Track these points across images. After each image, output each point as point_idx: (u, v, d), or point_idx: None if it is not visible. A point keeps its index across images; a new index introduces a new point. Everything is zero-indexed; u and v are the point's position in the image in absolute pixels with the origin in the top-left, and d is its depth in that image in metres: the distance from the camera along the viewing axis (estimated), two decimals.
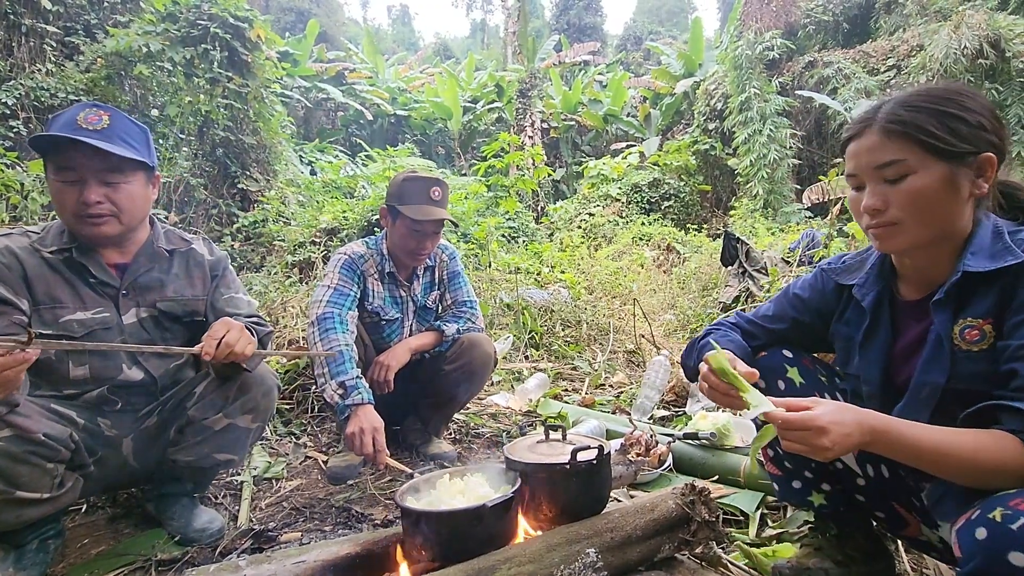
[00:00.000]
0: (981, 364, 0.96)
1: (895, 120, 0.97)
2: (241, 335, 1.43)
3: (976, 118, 0.95)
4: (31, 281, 1.43)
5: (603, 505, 1.36)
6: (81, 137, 1.37)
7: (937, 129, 0.94)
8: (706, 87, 11.99)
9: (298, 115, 14.25)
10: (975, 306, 0.97)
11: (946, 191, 0.95)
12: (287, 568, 1.17)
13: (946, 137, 0.94)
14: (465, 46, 39.28)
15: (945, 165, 0.94)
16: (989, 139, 0.95)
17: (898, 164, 0.96)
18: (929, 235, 0.99)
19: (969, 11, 9.00)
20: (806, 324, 1.29)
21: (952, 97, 0.96)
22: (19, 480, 1.27)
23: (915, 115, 0.95)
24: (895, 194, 0.97)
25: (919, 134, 0.94)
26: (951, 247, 1.01)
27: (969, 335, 0.97)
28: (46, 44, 6.73)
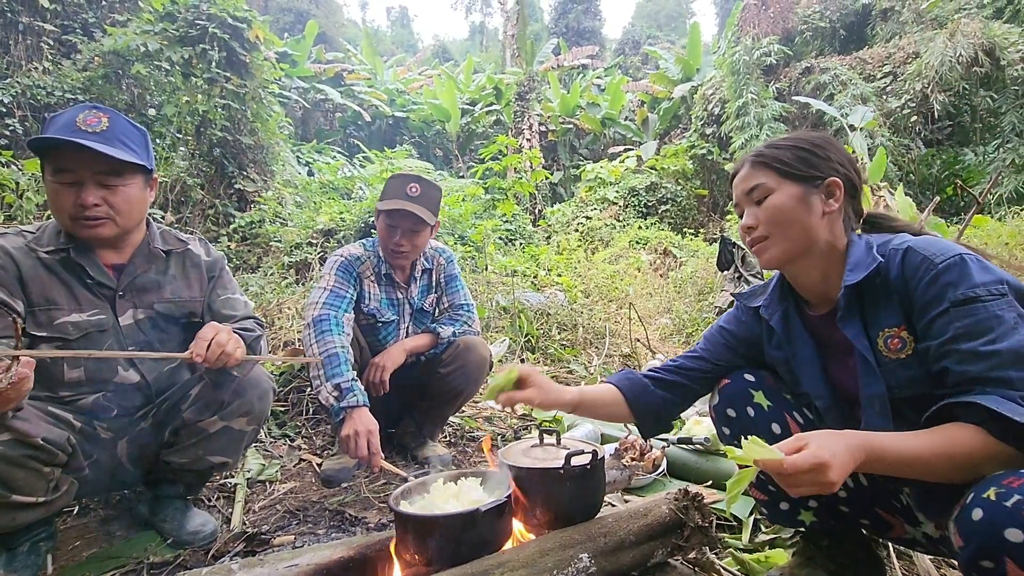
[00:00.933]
0: (913, 369, 1.04)
1: (759, 154, 1.17)
2: (229, 337, 1.42)
3: (826, 154, 1.14)
4: (27, 282, 1.42)
5: (597, 510, 1.36)
6: (81, 140, 1.36)
7: (789, 158, 1.14)
8: (704, 92, 12.05)
9: (296, 116, 14.24)
10: (885, 317, 1.07)
11: (800, 206, 1.12)
12: (279, 571, 1.17)
13: (795, 164, 1.13)
14: (464, 48, 39.33)
15: (798, 186, 1.13)
16: (836, 168, 1.14)
17: (760, 187, 1.15)
18: (794, 246, 1.14)
19: (964, 19, 9.08)
20: (742, 355, 1.35)
21: (806, 138, 1.17)
22: (15, 484, 1.27)
23: (774, 150, 1.16)
24: (761, 212, 1.15)
25: (774, 162, 1.15)
26: (832, 264, 1.14)
27: (892, 344, 1.06)
28: (43, 42, 6.72)
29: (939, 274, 0.98)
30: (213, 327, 1.44)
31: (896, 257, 1.05)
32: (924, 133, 9.56)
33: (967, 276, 0.97)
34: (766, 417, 1.27)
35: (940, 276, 0.98)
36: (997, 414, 0.86)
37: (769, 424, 1.27)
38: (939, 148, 9.81)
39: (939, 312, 0.97)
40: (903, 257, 1.04)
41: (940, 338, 0.97)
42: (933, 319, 0.98)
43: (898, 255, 1.05)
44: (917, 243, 1.05)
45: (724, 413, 1.33)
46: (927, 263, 1.00)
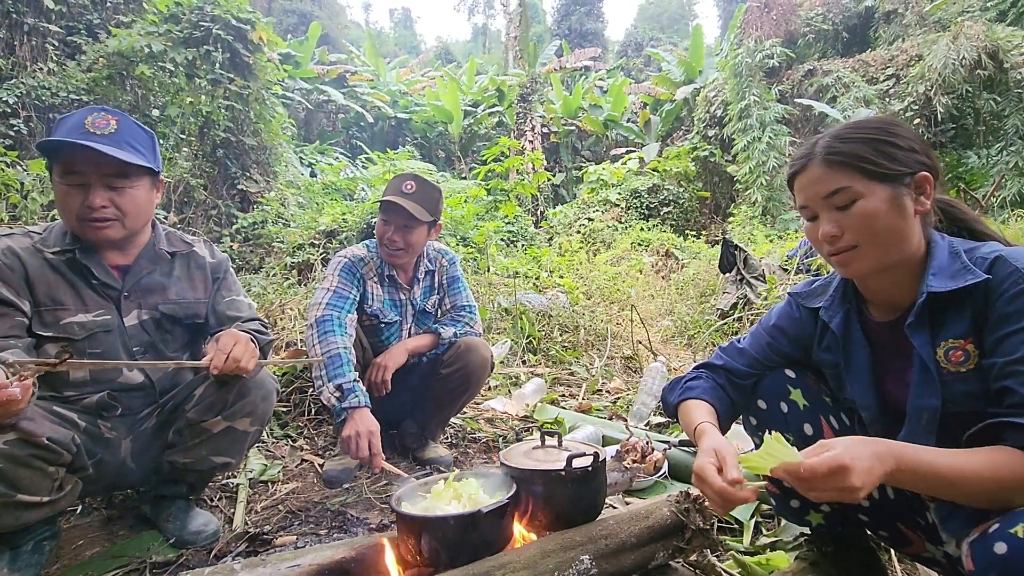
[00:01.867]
0: (972, 384, 0.98)
1: (834, 152, 1.03)
2: (246, 349, 1.45)
3: (907, 143, 1.02)
4: (33, 282, 1.43)
5: (598, 512, 1.36)
6: (90, 143, 1.37)
7: (873, 155, 1.01)
8: (706, 94, 12.05)
9: (299, 117, 14.26)
10: (952, 327, 0.99)
11: (893, 210, 1.00)
12: (281, 572, 1.17)
13: (882, 162, 1.00)
14: (466, 50, 39.39)
15: (887, 187, 1.00)
16: (921, 160, 1.02)
17: (845, 191, 1.02)
18: (887, 256, 1.03)
19: (968, 22, 9.07)
20: (790, 355, 1.29)
21: (880, 126, 1.04)
22: (20, 483, 1.27)
23: (851, 145, 1.02)
24: (847, 219, 1.02)
25: (858, 162, 1.01)
26: (910, 268, 1.05)
27: (954, 356, 0.99)
28: (48, 43, 6.74)
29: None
30: (233, 336, 1.46)
31: (983, 265, 0.97)
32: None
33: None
34: (799, 416, 1.23)
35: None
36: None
37: (801, 424, 1.23)
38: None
39: (1016, 329, 0.91)
40: (991, 266, 0.96)
41: (1010, 356, 0.91)
42: (1007, 335, 0.92)
43: (986, 263, 0.97)
44: (1010, 253, 0.96)
45: (755, 404, 1.29)
46: (1017, 275, 0.93)
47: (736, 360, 1.31)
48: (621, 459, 1.97)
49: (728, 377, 1.30)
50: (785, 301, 1.32)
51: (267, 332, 1.68)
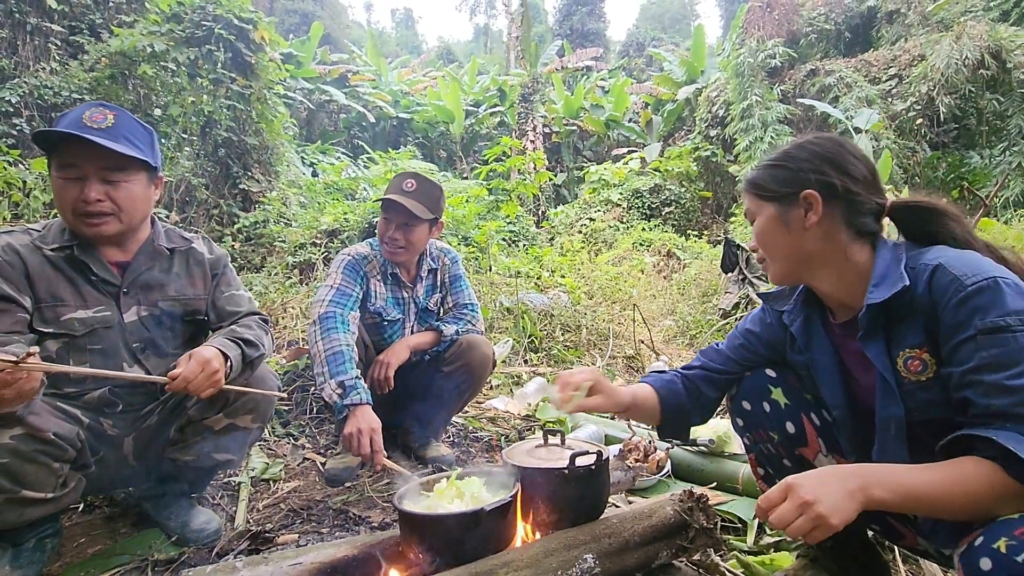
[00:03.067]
0: (933, 392, 0.99)
1: (748, 179, 1.19)
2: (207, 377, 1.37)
3: (797, 163, 1.10)
4: (33, 279, 1.43)
5: (601, 510, 1.35)
6: (85, 134, 1.37)
7: (763, 179, 1.15)
8: (708, 94, 12.03)
9: (301, 117, 14.27)
10: (907, 337, 1.01)
11: (777, 227, 1.12)
12: (283, 570, 1.17)
13: (768, 184, 1.13)
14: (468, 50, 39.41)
15: (773, 206, 1.12)
16: (808, 177, 1.08)
17: (748, 212, 1.19)
18: (787, 266, 1.14)
19: (971, 22, 9.05)
20: (764, 357, 1.33)
21: (783, 150, 1.15)
22: (25, 479, 1.27)
23: (755, 171, 1.18)
24: (754, 236, 1.18)
25: (753, 188, 1.17)
26: (852, 275, 1.09)
27: (912, 366, 1.01)
28: (51, 43, 6.76)
29: (968, 297, 0.91)
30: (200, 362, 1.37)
31: (924, 273, 0.98)
32: (929, 136, 9.52)
33: (999, 302, 0.89)
34: (782, 414, 1.26)
35: (969, 299, 0.91)
36: (1015, 454, 0.81)
37: (784, 422, 1.26)
38: (945, 151, 9.77)
39: (965, 338, 0.91)
40: (932, 275, 0.97)
41: (964, 366, 0.91)
42: (958, 345, 0.92)
43: (927, 271, 0.98)
44: (950, 260, 0.97)
45: (740, 405, 1.32)
46: (956, 284, 0.93)
47: (713, 360, 1.38)
48: (624, 458, 1.97)
49: (705, 375, 1.36)
50: (760, 306, 1.38)
51: (260, 346, 1.59)
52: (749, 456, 1.39)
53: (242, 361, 1.51)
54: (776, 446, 1.28)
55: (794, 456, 1.28)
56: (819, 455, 1.26)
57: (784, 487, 0.88)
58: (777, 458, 1.30)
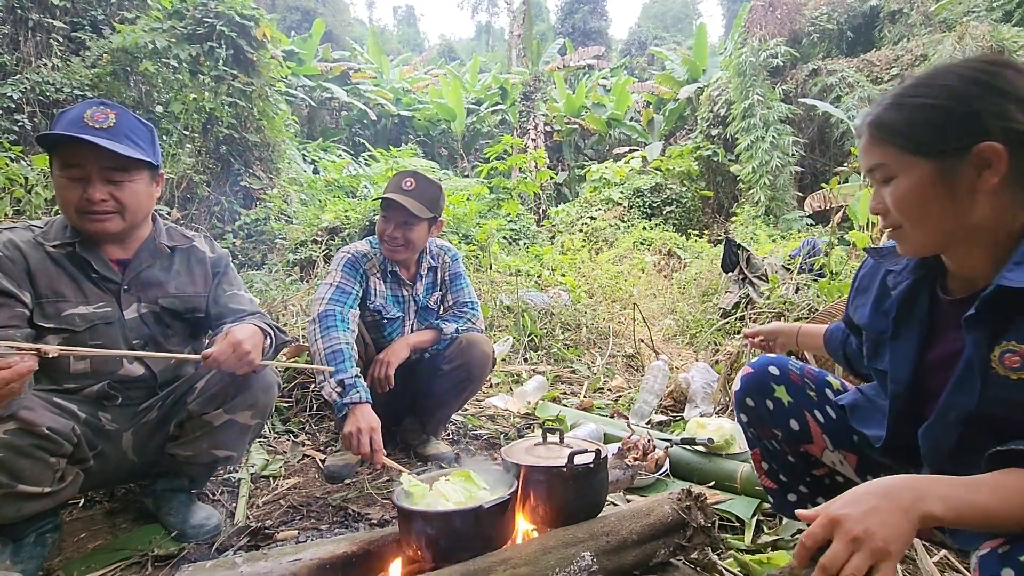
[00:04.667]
0: (1017, 392, 0.85)
1: (877, 122, 0.92)
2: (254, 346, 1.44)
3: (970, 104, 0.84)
4: (34, 274, 1.44)
5: (599, 509, 1.36)
6: (87, 136, 1.38)
7: (915, 128, 0.87)
8: (709, 93, 12.02)
9: (302, 114, 14.27)
10: (1017, 329, 0.85)
11: (935, 191, 0.86)
12: (283, 566, 1.17)
13: (923, 134, 0.86)
14: (470, 48, 39.37)
15: (930, 163, 0.86)
16: (990, 124, 0.82)
17: (882, 168, 0.91)
18: (934, 238, 0.90)
19: (973, 22, 9.03)
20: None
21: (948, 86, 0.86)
22: (22, 474, 1.28)
23: (894, 114, 0.89)
24: (888, 197, 0.92)
25: (895, 136, 0.89)
26: (992, 249, 0.89)
27: (1009, 361, 0.86)
28: (52, 39, 6.76)
29: None
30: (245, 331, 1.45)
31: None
32: None
33: None
34: (785, 412, 1.25)
35: None
36: None
37: (788, 420, 1.25)
38: None
39: None
40: None
41: None
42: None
43: None
44: None
45: (743, 401, 1.31)
46: None
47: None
48: (623, 456, 1.97)
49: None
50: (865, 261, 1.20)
51: (284, 332, 1.69)
52: (753, 451, 1.38)
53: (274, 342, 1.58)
54: (780, 443, 1.28)
55: (799, 453, 1.27)
56: (825, 451, 1.24)
57: (827, 522, 0.74)
58: (781, 454, 1.30)
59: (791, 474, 1.30)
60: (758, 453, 1.36)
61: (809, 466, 1.30)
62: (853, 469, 1.23)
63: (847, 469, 1.24)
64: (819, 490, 1.30)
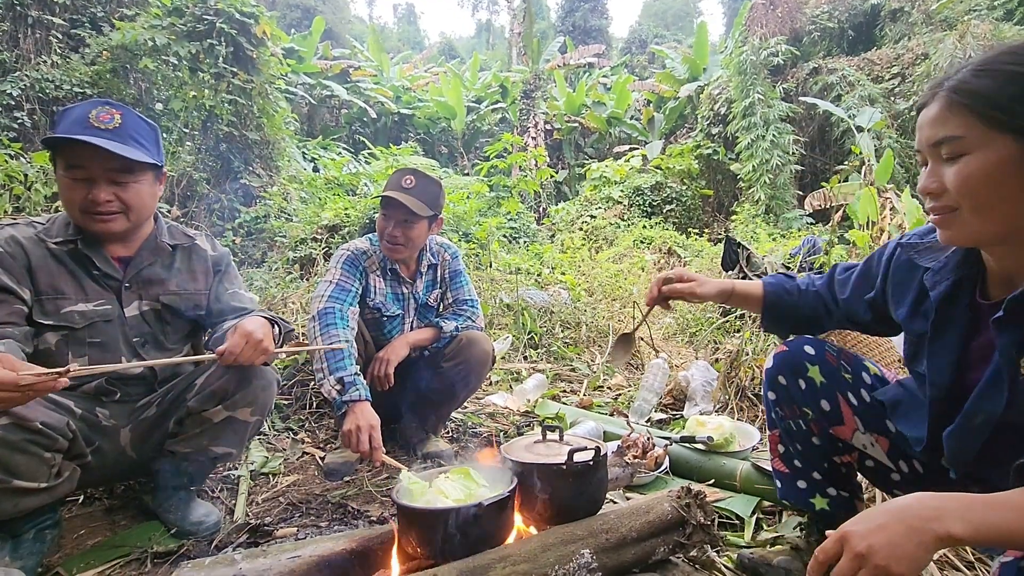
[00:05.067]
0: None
1: (963, 88, 0.82)
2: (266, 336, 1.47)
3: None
4: (35, 271, 1.44)
5: (599, 506, 1.36)
6: (93, 139, 1.38)
7: (1006, 98, 0.78)
8: (710, 92, 12.00)
9: (302, 112, 14.25)
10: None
11: (1011, 176, 0.78)
12: (282, 563, 1.17)
13: (1015, 107, 0.77)
14: (470, 46, 39.33)
15: (1014, 142, 0.78)
16: None
17: (956, 141, 0.82)
18: (993, 228, 0.83)
19: (974, 21, 9.02)
20: (869, 303, 1.18)
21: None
22: (16, 469, 1.27)
23: (987, 82, 0.80)
24: (953, 175, 0.83)
25: (984, 105, 0.79)
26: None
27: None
28: (52, 36, 6.75)
29: None
30: (254, 322, 1.48)
31: None
32: None
33: None
34: (816, 392, 1.24)
35: None
36: None
37: (819, 400, 1.24)
38: None
39: None
40: None
41: None
42: None
43: None
44: None
45: (775, 379, 1.29)
46: None
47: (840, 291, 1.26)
48: (622, 454, 1.97)
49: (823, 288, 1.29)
50: (892, 245, 1.14)
51: (287, 323, 1.70)
52: (771, 433, 1.35)
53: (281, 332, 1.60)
54: (808, 423, 1.26)
55: (826, 435, 1.26)
56: (856, 432, 1.23)
57: (838, 537, 0.74)
58: (806, 435, 1.27)
59: (809, 458, 1.29)
60: (776, 435, 1.34)
61: (832, 451, 1.28)
62: (884, 452, 1.21)
63: (878, 452, 1.22)
64: (833, 479, 1.28)
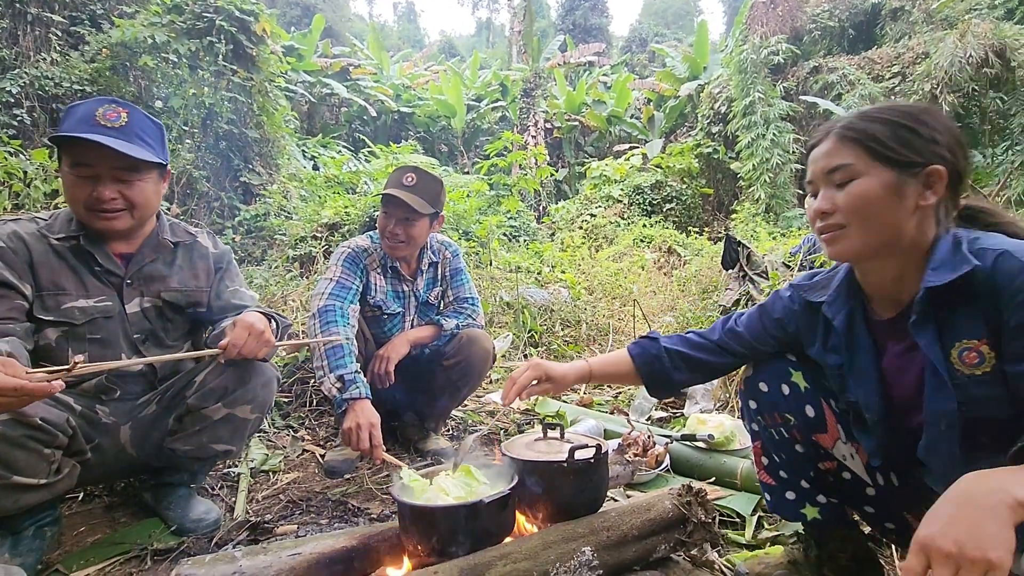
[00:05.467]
0: (991, 388, 0.92)
1: (849, 127, 1.00)
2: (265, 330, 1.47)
3: (930, 133, 0.97)
4: (36, 267, 1.44)
5: (600, 504, 1.36)
6: (100, 137, 1.38)
7: (886, 136, 0.97)
8: (710, 90, 11.99)
9: (302, 110, 14.21)
10: (964, 327, 0.94)
11: (889, 197, 0.96)
12: (283, 560, 1.17)
13: (893, 145, 0.96)
14: (470, 44, 39.27)
15: (891, 172, 0.96)
16: (940, 153, 0.97)
17: (846, 168, 0.99)
18: (873, 241, 0.99)
19: (975, 20, 9.01)
20: (786, 346, 1.26)
21: (911, 112, 0.99)
22: (16, 465, 1.27)
23: (869, 124, 0.99)
24: (842, 197, 1.00)
25: (868, 140, 0.98)
26: (911, 262, 1.00)
27: (968, 358, 0.94)
28: (51, 33, 6.73)
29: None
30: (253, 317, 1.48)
31: (988, 258, 0.91)
32: None
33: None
34: (801, 397, 1.22)
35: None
36: None
37: (803, 405, 1.22)
38: None
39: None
40: (996, 261, 0.90)
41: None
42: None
43: (990, 258, 0.90)
44: (1018, 247, 0.90)
45: (756, 386, 1.28)
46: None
47: (732, 341, 1.31)
48: (623, 452, 1.97)
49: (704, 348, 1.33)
50: (788, 294, 1.27)
51: (285, 318, 1.70)
52: (754, 445, 1.35)
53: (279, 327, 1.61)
54: (791, 429, 1.24)
55: (809, 442, 1.24)
56: (838, 442, 1.22)
57: (917, 549, 0.71)
58: (789, 443, 1.26)
59: (794, 467, 1.28)
60: (759, 447, 1.33)
61: (816, 458, 1.26)
62: (863, 465, 1.21)
63: (857, 464, 1.21)
64: (822, 486, 1.27)
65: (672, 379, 1.34)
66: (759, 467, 1.35)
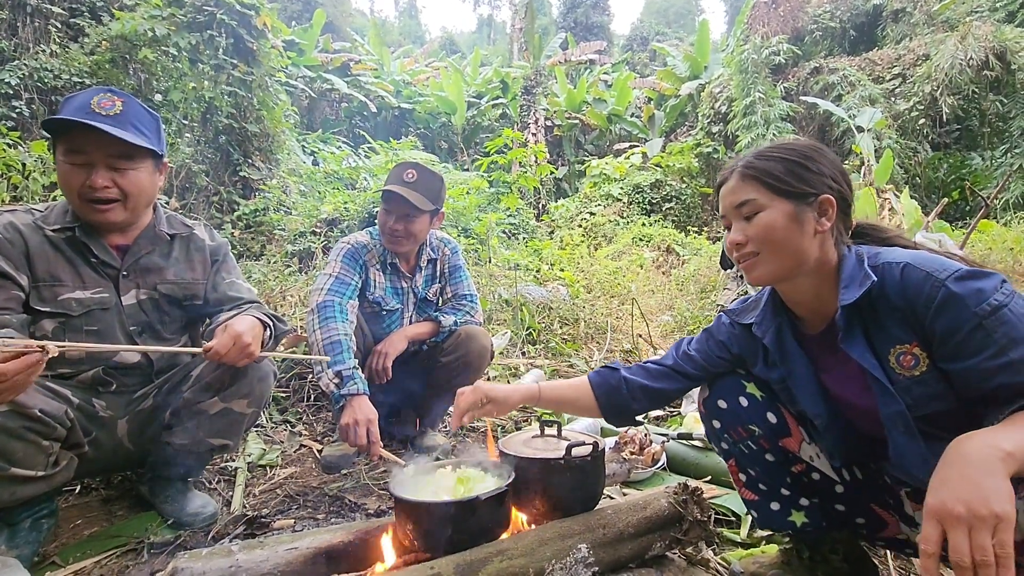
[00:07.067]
0: (930, 386, 1.00)
1: (749, 166, 1.12)
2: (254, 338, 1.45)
3: (818, 167, 1.09)
4: (32, 258, 1.44)
5: (596, 501, 1.36)
6: (94, 122, 1.38)
7: (781, 172, 1.09)
8: (711, 90, 12.00)
9: (302, 105, 14.18)
10: (894, 333, 1.02)
11: (791, 225, 1.07)
12: (279, 554, 1.17)
13: (787, 179, 1.08)
14: (471, 41, 39.17)
15: (789, 203, 1.08)
16: (829, 184, 1.09)
17: (751, 203, 1.10)
18: (785, 265, 1.09)
19: (976, 22, 9.03)
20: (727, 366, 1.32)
21: (800, 149, 1.11)
22: (14, 457, 1.27)
23: (765, 163, 1.11)
24: (751, 229, 1.10)
25: (766, 176, 1.09)
26: (825, 281, 1.10)
27: (905, 361, 1.02)
28: (51, 25, 6.70)
29: (951, 291, 0.93)
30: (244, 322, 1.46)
31: (894, 273, 1.00)
32: (932, 136, 9.51)
33: (978, 286, 0.92)
34: (760, 406, 1.25)
35: (954, 293, 0.93)
36: None
37: (764, 412, 1.25)
38: (946, 152, 9.76)
39: (971, 328, 0.91)
40: (902, 273, 0.99)
41: (983, 354, 0.91)
42: (966, 337, 0.92)
43: (896, 270, 1.00)
44: (915, 258, 1.00)
45: (715, 405, 1.30)
46: (932, 281, 0.95)
47: (686, 364, 1.35)
48: (620, 450, 1.98)
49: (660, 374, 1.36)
50: (725, 318, 1.34)
51: (285, 322, 1.68)
52: (729, 464, 1.35)
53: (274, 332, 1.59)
54: (758, 440, 1.26)
55: (778, 448, 1.26)
56: (803, 443, 1.25)
57: (931, 514, 0.77)
58: (759, 454, 1.27)
59: (770, 476, 1.28)
60: (734, 464, 1.34)
61: (787, 462, 1.28)
62: (828, 463, 1.24)
63: (823, 464, 1.24)
64: (801, 489, 1.28)
65: (630, 408, 1.38)
66: (739, 485, 1.35)
